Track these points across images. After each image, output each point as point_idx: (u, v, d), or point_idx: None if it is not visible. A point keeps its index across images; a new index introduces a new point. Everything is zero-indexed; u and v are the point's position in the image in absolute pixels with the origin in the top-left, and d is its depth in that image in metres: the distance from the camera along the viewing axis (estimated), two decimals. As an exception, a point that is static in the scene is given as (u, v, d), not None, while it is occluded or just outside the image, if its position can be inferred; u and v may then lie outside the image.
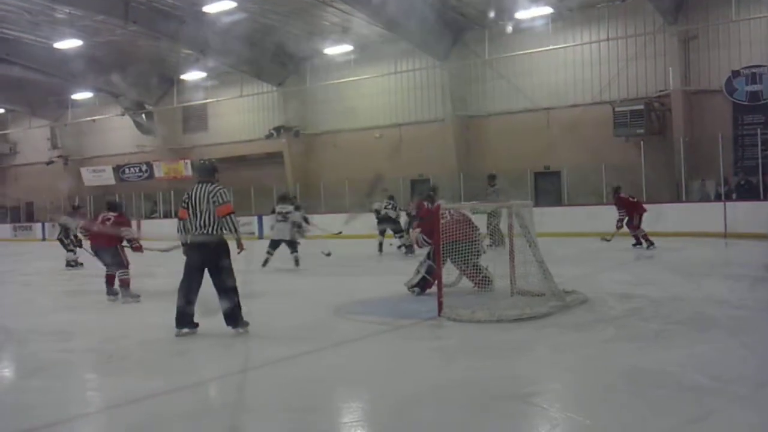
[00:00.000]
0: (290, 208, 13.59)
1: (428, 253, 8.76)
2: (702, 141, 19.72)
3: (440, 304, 7.24)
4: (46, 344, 6.94)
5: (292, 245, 13.12)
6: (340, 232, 16.64)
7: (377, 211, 16.76)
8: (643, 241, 15.04)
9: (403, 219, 16.37)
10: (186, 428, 4.26)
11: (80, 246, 15.22)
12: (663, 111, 21.22)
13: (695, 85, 20.73)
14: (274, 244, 13.25)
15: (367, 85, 26.24)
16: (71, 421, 4.46)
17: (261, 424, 4.19)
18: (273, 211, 13.92)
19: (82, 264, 15.11)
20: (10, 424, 4.37)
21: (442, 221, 8.36)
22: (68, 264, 15.18)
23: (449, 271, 8.58)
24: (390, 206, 16.74)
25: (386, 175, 22.91)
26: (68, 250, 15.30)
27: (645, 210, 15.23)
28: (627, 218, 15.15)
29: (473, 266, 8.66)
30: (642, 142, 20.49)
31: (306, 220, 14.23)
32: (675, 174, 20.13)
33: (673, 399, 4.35)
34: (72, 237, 15.27)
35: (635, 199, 15.64)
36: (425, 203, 12.39)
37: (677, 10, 20.52)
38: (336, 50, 25.56)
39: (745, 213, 16.81)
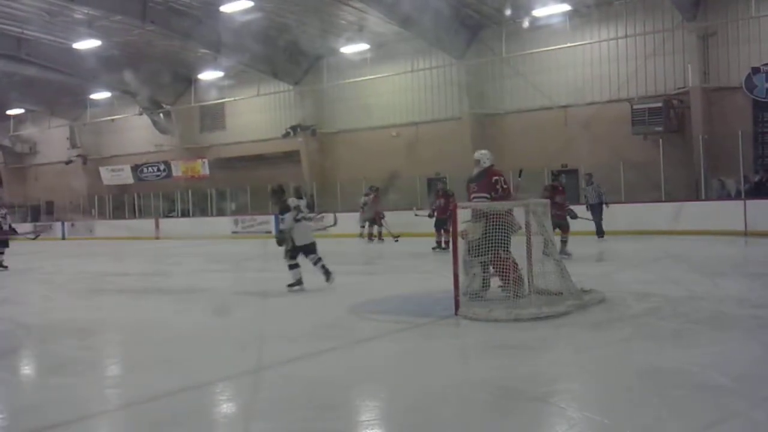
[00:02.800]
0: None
1: (468, 249, 7.94)
2: (721, 138, 19.53)
3: (457, 303, 7.23)
4: (66, 342, 7.01)
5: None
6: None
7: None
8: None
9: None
10: (204, 426, 4.29)
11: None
12: (682, 108, 21.05)
13: (714, 82, 20.54)
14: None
15: (384, 83, 26.24)
16: (91, 418, 4.50)
17: (280, 421, 4.21)
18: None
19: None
20: (31, 421, 4.41)
21: (493, 195, 8.08)
22: None
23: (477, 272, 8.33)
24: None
25: (403, 173, 22.94)
26: None
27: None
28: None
29: (514, 260, 7.90)
30: (660, 140, 20.35)
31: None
32: (694, 172, 19.97)
33: (692, 399, 4.32)
34: None
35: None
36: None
37: (696, 6, 20.34)
38: (352, 49, 25.59)
39: (765, 211, 16.65)
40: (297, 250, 10.04)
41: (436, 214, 16.72)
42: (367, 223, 21.07)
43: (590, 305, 7.39)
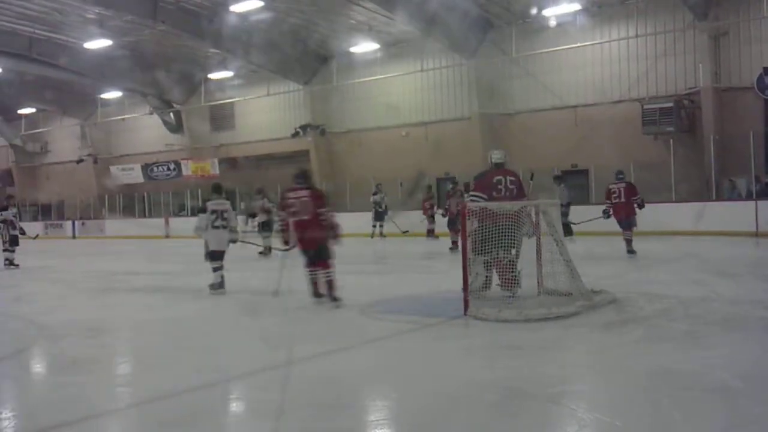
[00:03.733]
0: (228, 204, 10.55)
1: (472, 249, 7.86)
2: (733, 139, 19.45)
3: (466, 303, 7.22)
4: (78, 340, 7.03)
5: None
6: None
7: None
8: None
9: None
10: (216, 424, 4.30)
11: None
12: (693, 108, 20.98)
13: (726, 82, 20.46)
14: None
15: (394, 83, 26.25)
16: (102, 416, 4.51)
17: (289, 421, 4.21)
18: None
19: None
20: (42, 419, 4.43)
21: (496, 194, 8.10)
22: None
23: (480, 272, 8.36)
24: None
25: (412, 173, 22.94)
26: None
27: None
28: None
29: (510, 261, 7.96)
30: (671, 140, 20.28)
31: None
32: (705, 172, 19.88)
33: (704, 401, 4.30)
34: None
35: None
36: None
37: (707, 6, 20.25)
38: (362, 48, 25.63)
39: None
40: (213, 255, 10.01)
41: (448, 213, 16.79)
42: (378, 223, 21.32)
43: (600, 306, 7.37)
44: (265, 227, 16.22)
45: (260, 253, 15.88)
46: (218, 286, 9.91)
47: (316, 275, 8.41)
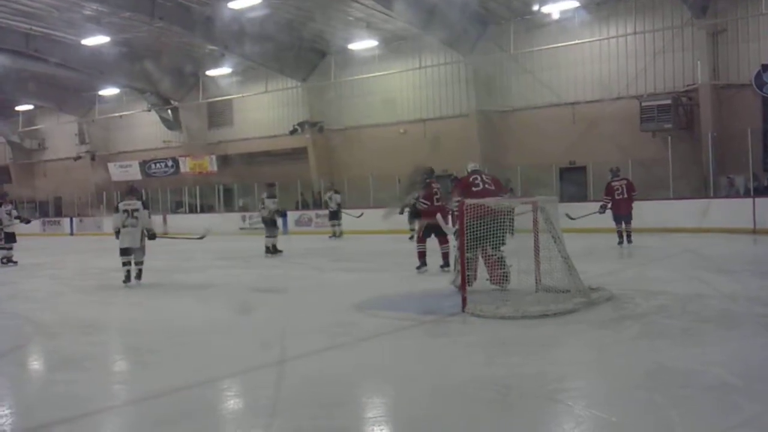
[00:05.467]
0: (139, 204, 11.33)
1: (458, 246, 8.16)
2: (731, 136, 19.45)
3: (464, 300, 7.21)
4: (74, 337, 7.03)
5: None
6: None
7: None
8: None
9: None
10: (211, 422, 4.29)
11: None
12: (691, 105, 20.97)
13: (724, 79, 20.45)
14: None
15: (392, 80, 26.24)
16: (98, 413, 4.51)
17: (286, 418, 4.20)
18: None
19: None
20: (39, 416, 4.43)
21: (475, 189, 8.38)
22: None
23: (481, 267, 8.42)
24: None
25: (410, 170, 22.90)
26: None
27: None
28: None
29: (499, 258, 8.31)
30: (669, 137, 20.27)
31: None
32: (703, 169, 19.89)
33: (700, 398, 4.30)
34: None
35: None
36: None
37: (705, 3, 20.24)
38: (360, 45, 25.59)
39: (775, 209, 16.58)
40: (122, 251, 10.90)
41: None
42: (335, 222, 21.79)
43: (598, 303, 7.37)
44: (272, 225, 16.23)
45: (270, 251, 15.79)
46: (126, 280, 10.78)
47: None
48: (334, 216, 21.94)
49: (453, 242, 9.35)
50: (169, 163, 32.49)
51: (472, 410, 4.24)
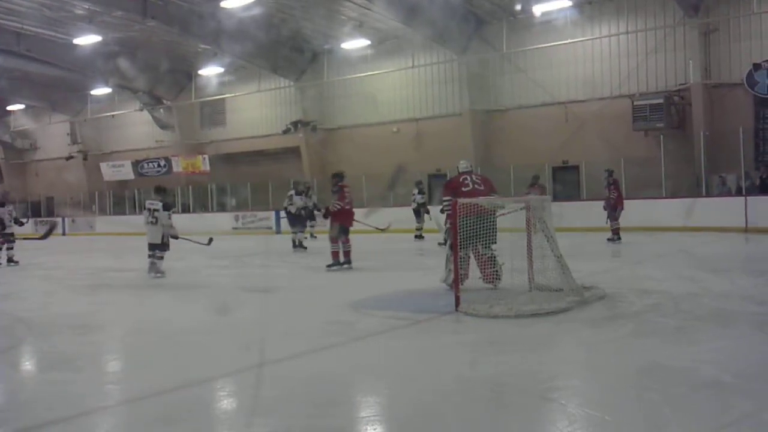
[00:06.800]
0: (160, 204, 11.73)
1: (449, 245, 8.41)
2: (723, 135, 19.53)
3: (457, 299, 7.22)
4: (67, 337, 7.01)
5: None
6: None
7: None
8: (615, 235, 15.24)
9: None
10: (205, 422, 4.28)
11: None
12: (683, 105, 21.05)
13: (716, 79, 20.54)
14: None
15: (385, 79, 26.25)
16: (91, 414, 4.49)
17: (281, 418, 4.20)
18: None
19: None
20: (31, 416, 4.41)
21: (464, 189, 8.43)
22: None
23: (473, 266, 8.45)
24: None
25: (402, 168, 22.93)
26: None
27: (623, 206, 15.46)
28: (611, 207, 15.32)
29: (490, 256, 8.42)
30: (661, 136, 20.36)
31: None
32: (695, 168, 19.97)
33: (694, 397, 4.31)
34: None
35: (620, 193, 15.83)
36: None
37: (698, 2, 20.31)
38: (353, 45, 25.60)
39: (766, 208, 16.65)
40: (148, 246, 11.67)
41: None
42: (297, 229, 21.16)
43: (591, 302, 7.39)
44: (299, 221, 17.15)
45: (296, 246, 16.67)
46: (149, 271, 11.56)
47: None
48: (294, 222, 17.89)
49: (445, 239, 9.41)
50: (162, 163, 32.42)
51: (466, 409, 4.24)
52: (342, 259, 11.82)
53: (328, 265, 11.76)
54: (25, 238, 10.04)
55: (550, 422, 4.09)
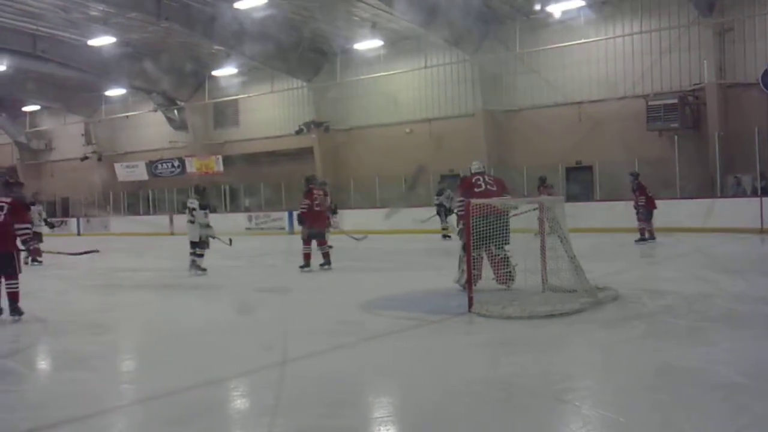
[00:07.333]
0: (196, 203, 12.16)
1: (463, 245, 8.46)
2: (738, 135, 19.36)
3: (470, 300, 7.21)
4: (81, 337, 7.05)
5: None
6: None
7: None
8: (647, 235, 15.13)
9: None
10: (219, 422, 4.30)
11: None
12: (697, 105, 20.90)
13: (731, 78, 20.38)
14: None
15: (398, 80, 26.23)
16: (105, 413, 4.52)
17: (293, 418, 4.21)
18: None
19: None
20: (46, 415, 4.44)
21: (477, 190, 8.42)
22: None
23: (486, 266, 8.44)
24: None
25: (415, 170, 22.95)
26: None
27: (656, 206, 15.32)
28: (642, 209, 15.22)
29: (503, 257, 8.43)
30: (676, 137, 20.22)
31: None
32: (710, 169, 19.83)
33: (708, 398, 4.29)
34: None
35: (651, 194, 15.62)
36: None
37: (712, 1, 20.17)
38: (366, 45, 25.59)
39: (782, 209, 16.52)
40: (190, 244, 12.12)
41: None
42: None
43: (604, 303, 7.36)
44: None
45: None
46: (190, 268, 11.99)
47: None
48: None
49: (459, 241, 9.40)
50: (175, 164, 32.55)
51: (478, 410, 4.24)
52: (322, 260, 12.08)
53: (300, 267, 11.95)
54: (59, 253, 10.17)
55: (563, 424, 4.08)
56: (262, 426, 4.18)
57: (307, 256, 12.02)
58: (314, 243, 12.14)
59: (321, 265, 12.03)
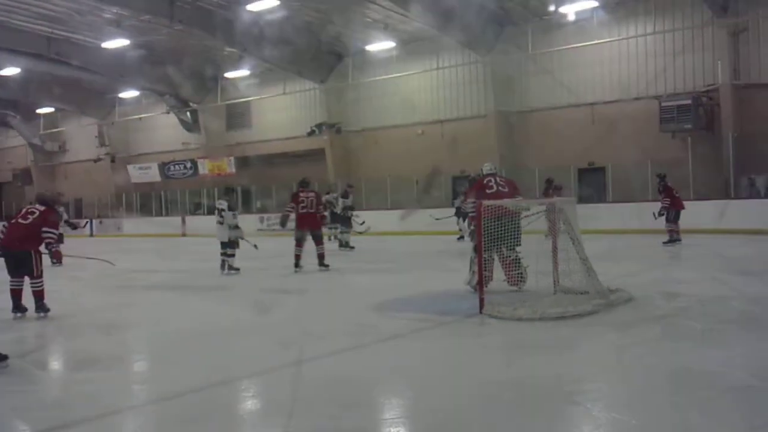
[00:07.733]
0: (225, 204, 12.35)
1: (474, 246, 8.44)
2: (752, 136, 19.24)
3: (482, 301, 7.20)
4: (95, 337, 7.09)
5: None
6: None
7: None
8: (675, 236, 14.97)
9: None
10: (230, 422, 4.31)
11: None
12: (711, 105, 20.78)
13: (745, 79, 20.24)
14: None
15: (410, 81, 26.23)
16: (121, 413, 4.55)
17: (305, 419, 4.22)
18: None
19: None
20: (59, 416, 4.47)
21: (489, 191, 8.41)
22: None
23: (497, 268, 8.42)
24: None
25: (428, 171, 22.96)
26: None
27: (683, 207, 15.14)
28: (668, 211, 15.03)
29: (515, 258, 8.44)
30: (689, 138, 20.12)
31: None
32: (723, 170, 19.70)
33: (721, 401, 4.26)
34: None
35: (678, 194, 15.42)
36: None
37: (726, 2, 20.05)
38: (378, 47, 25.61)
39: (796, 210, 16.39)
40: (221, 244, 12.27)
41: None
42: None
43: (617, 304, 7.32)
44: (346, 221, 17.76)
45: (343, 245, 17.29)
46: (221, 268, 12.17)
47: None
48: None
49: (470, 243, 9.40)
50: (188, 165, 32.70)
51: (490, 412, 4.24)
52: (317, 261, 12.35)
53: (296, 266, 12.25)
54: (76, 257, 10.29)
55: (575, 426, 4.07)
56: (276, 426, 4.19)
57: (296, 257, 12.29)
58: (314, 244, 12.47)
59: (319, 266, 12.30)
